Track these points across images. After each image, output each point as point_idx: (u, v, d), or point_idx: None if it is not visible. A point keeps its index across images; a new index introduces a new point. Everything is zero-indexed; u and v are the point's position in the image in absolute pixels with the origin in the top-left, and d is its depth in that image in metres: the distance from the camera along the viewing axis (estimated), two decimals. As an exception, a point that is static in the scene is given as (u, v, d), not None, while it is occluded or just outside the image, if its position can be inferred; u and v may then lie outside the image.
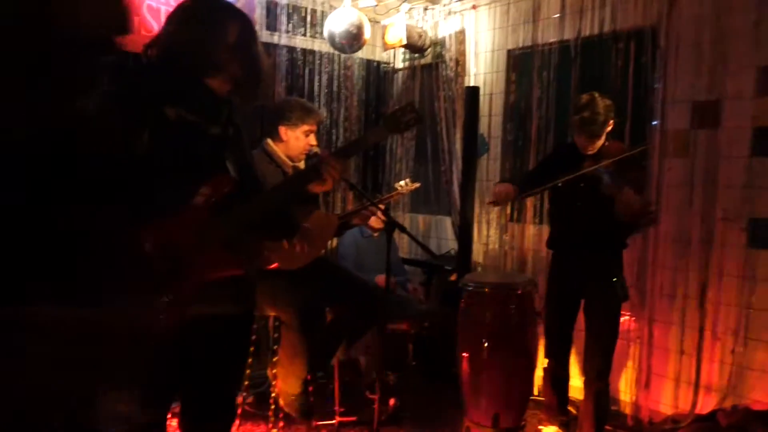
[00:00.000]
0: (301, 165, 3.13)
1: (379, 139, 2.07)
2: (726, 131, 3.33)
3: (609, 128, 2.85)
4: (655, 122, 3.59)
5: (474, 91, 4.23)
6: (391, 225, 2.65)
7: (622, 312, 3.03)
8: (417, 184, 3.60)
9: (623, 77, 3.75)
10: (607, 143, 2.86)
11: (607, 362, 2.87)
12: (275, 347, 3.11)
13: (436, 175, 5.03)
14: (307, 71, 4.59)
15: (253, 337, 2.59)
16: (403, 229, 2.63)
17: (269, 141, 3.12)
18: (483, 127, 4.46)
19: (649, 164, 3.57)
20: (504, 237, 4.23)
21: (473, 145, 4.17)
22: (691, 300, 3.45)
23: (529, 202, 3.99)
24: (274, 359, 3.12)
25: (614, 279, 2.88)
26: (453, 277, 4.14)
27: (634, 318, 3.64)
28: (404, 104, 2.01)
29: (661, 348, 3.55)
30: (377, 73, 5.07)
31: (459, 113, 4.51)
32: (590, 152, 2.85)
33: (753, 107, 3.22)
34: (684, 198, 3.49)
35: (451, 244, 4.68)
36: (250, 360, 2.83)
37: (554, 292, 3.06)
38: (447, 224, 4.76)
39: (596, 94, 2.77)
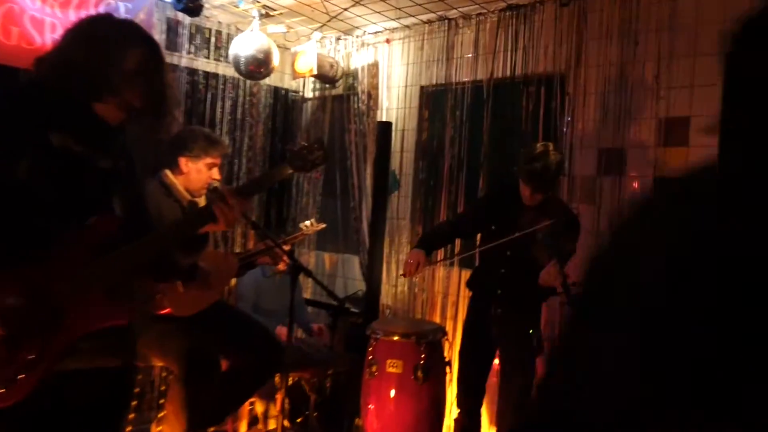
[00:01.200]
0: (201, 200, 3.03)
1: (282, 177, 2.04)
2: (629, 179, 3.53)
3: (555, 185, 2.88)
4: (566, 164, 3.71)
5: (386, 126, 4.30)
6: (295, 268, 2.63)
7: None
8: (322, 225, 3.55)
9: (534, 120, 3.90)
10: (553, 200, 2.87)
11: (520, 415, 2.91)
12: (161, 401, 2.95)
13: (344, 211, 5.00)
14: (209, 96, 4.49)
15: (136, 390, 2.44)
16: (308, 273, 2.58)
17: (167, 172, 2.99)
18: (395, 163, 4.51)
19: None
20: (414, 279, 4.30)
21: (384, 181, 4.21)
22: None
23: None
24: (160, 415, 2.96)
25: (530, 331, 2.89)
26: (359, 321, 4.13)
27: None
28: (312, 141, 1.99)
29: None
30: (285, 102, 5.12)
31: (370, 148, 4.54)
32: (530, 204, 2.83)
33: (654, 157, 3.43)
34: (592, 244, 3.65)
35: (358, 285, 4.69)
36: (131, 416, 2.67)
37: (470, 338, 3.07)
38: (355, 263, 4.74)
39: (550, 146, 2.76)
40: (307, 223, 3.54)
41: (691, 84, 3.40)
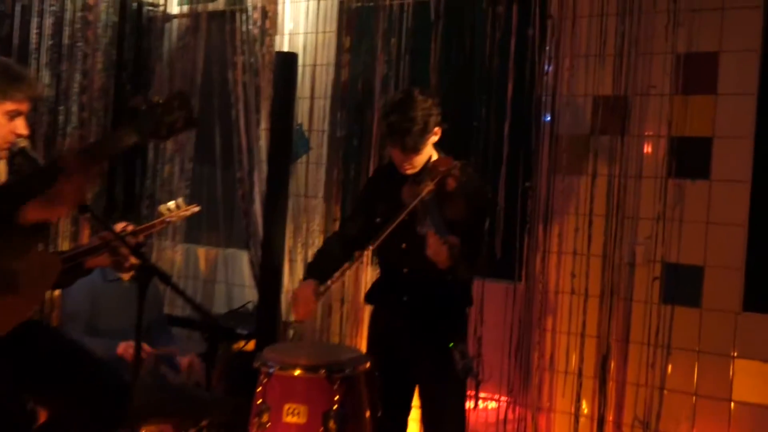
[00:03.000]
0: (1, 166, 2.86)
1: (124, 147, 2.10)
2: (637, 140, 3.61)
3: (433, 138, 2.92)
4: (547, 118, 3.80)
5: (289, 60, 4.26)
6: (145, 270, 2.51)
7: (491, 395, 3.21)
8: (194, 208, 3.51)
9: (502, 55, 3.89)
10: (433, 160, 2.96)
11: None
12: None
13: (227, 185, 4.99)
14: (18, 9, 4.34)
15: None
16: (164, 278, 2.55)
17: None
18: (302, 115, 4.53)
19: (533, 180, 3.78)
20: (329, 283, 4.16)
21: (286, 141, 4.20)
22: (588, 378, 3.68)
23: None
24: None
25: (450, 344, 2.98)
26: (249, 348, 4.20)
27: (511, 403, 3.81)
28: (171, 95, 2.01)
29: (548, 446, 3.77)
30: (138, 21, 5.02)
31: (265, 92, 4.53)
32: (409, 171, 2.94)
33: (671, 108, 3.50)
34: (581, 232, 3.73)
35: (248, 294, 4.71)
36: None
37: (378, 369, 3.10)
38: (243, 262, 4.76)
39: (416, 92, 2.89)
40: (171, 204, 3.49)
41: (722, 5, 3.44)
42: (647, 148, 3.61)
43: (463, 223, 2.82)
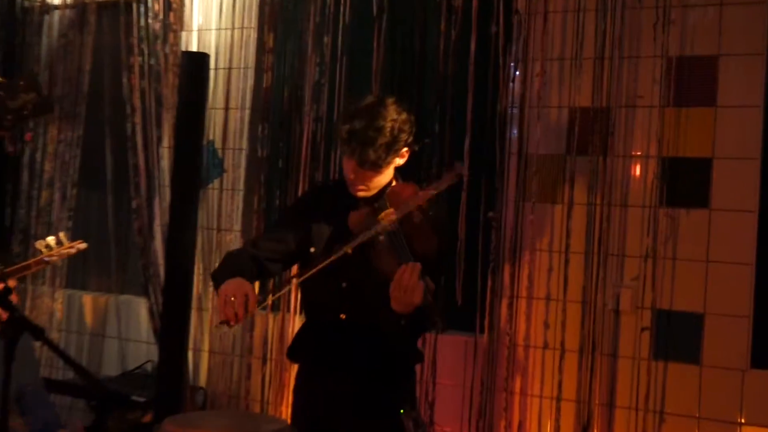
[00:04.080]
0: None
1: None
2: (622, 161, 3.63)
3: (398, 160, 2.92)
4: (514, 134, 3.83)
5: (198, 62, 4.27)
6: (15, 324, 2.51)
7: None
8: (80, 245, 3.49)
9: (459, 56, 3.91)
10: (394, 185, 2.95)
11: None
12: None
13: (121, 216, 4.93)
14: None
15: None
16: (38, 334, 2.50)
17: None
18: (215, 129, 4.56)
19: (498, 209, 3.77)
20: (269, 296, 4.00)
21: (194, 162, 4.19)
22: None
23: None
24: None
25: (401, 411, 2.96)
26: (147, 419, 4.15)
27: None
28: (18, 76, 1.96)
29: None
30: (11, 12, 5.03)
31: (169, 101, 4.55)
32: (361, 193, 2.93)
33: (661, 123, 3.56)
34: (555, 273, 3.74)
35: (147, 352, 4.65)
36: None
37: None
38: (140, 312, 4.74)
39: (390, 100, 2.87)
40: (50, 240, 3.47)
41: (721, 0, 3.47)
42: (634, 171, 3.62)
43: (432, 262, 2.78)
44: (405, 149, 2.88)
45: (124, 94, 4.70)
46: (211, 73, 4.35)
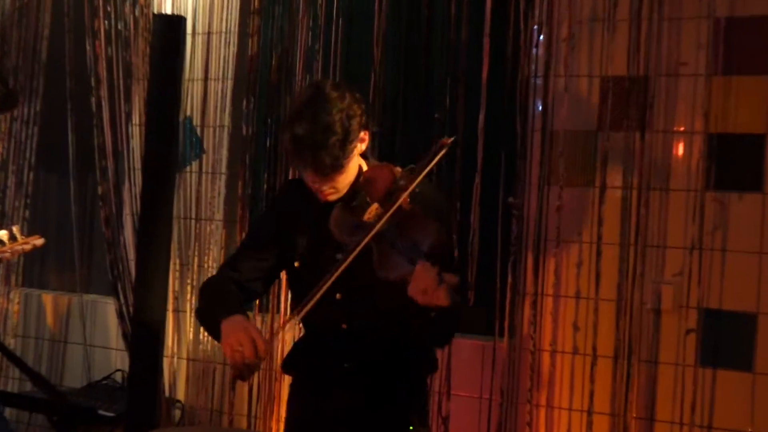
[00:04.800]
0: None
1: None
2: (663, 138, 3.64)
3: (360, 146, 2.88)
4: (538, 108, 3.79)
5: (174, 27, 4.22)
6: None
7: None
8: (38, 240, 3.50)
9: (473, 20, 3.88)
10: (366, 172, 2.94)
11: None
12: None
13: (84, 205, 4.90)
14: None
15: None
16: None
17: None
18: (191, 104, 4.55)
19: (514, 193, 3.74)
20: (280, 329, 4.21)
21: (169, 142, 4.18)
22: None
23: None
24: None
25: (410, 429, 2.99)
26: None
27: None
28: None
29: None
30: None
31: (140, 71, 4.55)
32: (331, 197, 2.90)
33: (708, 94, 3.53)
34: (586, 267, 3.71)
35: (116, 360, 4.66)
36: None
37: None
38: (108, 315, 4.73)
39: (327, 86, 2.84)
40: (2, 235, 3.51)
41: None
42: (677, 149, 3.61)
43: (439, 249, 2.72)
44: (362, 132, 2.85)
45: (89, 64, 4.69)
46: (188, 38, 4.35)
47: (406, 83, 3.99)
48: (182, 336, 4.48)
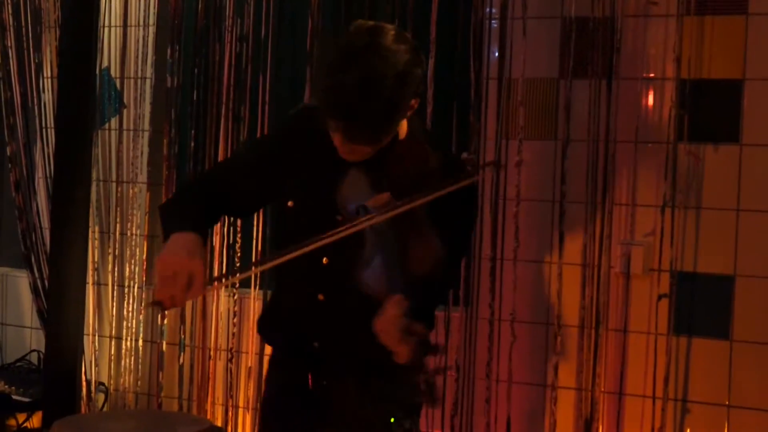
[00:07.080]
0: None
1: None
2: (631, 85, 3.60)
3: (408, 113, 2.74)
4: (494, 54, 3.74)
5: None
6: None
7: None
8: None
9: None
10: (404, 143, 2.76)
11: None
12: None
13: None
14: None
15: None
16: None
17: None
18: (110, 53, 4.51)
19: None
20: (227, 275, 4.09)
21: (85, 96, 4.17)
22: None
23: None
24: None
25: (392, 420, 2.88)
26: (35, 421, 4.20)
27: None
28: None
29: None
30: None
31: (51, 17, 4.56)
32: (352, 158, 2.73)
33: (680, 36, 3.49)
34: (546, 228, 3.65)
35: (31, 340, 4.74)
36: None
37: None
38: (21, 290, 4.79)
39: (389, 34, 2.59)
40: None
41: None
42: (646, 98, 3.59)
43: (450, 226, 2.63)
44: (414, 101, 2.61)
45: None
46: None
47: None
48: (104, 312, 4.47)
